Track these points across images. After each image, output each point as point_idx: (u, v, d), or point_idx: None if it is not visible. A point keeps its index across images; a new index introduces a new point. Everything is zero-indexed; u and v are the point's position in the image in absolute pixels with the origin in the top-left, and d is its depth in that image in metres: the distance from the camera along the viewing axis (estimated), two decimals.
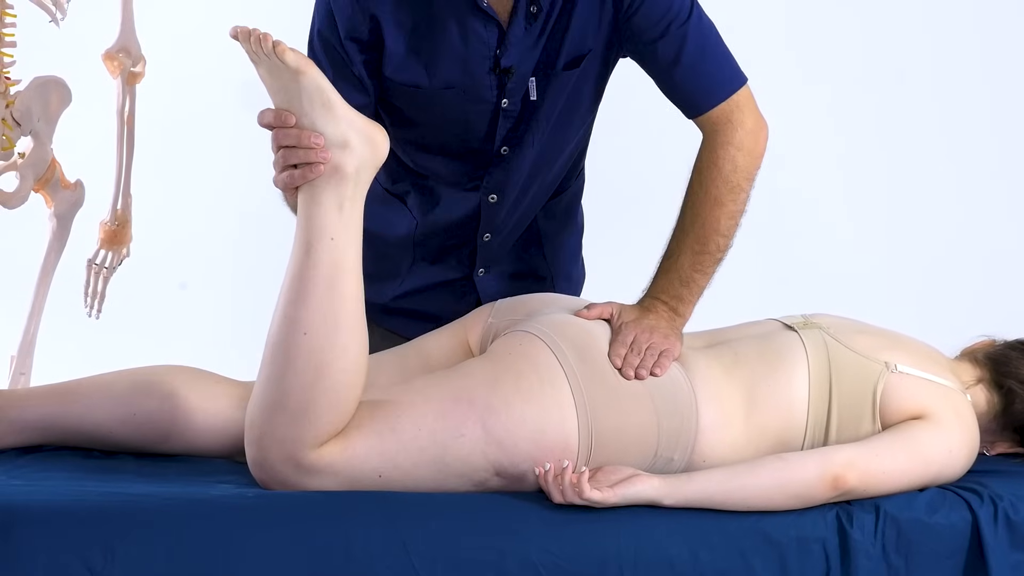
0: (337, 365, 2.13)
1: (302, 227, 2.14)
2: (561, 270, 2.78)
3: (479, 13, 2.40)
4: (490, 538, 2.09)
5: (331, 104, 2.09)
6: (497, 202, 2.60)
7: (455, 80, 2.46)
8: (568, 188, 2.73)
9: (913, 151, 4.58)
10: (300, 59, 2.07)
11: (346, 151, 2.10)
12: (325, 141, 2.09)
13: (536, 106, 2.49)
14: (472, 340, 2.42)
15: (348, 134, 2.10)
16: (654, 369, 2.27)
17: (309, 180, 2.10)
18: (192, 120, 4.47)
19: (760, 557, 2.14)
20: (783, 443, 2.29)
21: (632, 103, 2.86)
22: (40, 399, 2.38)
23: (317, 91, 2.08)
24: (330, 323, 2.12)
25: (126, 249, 3.49)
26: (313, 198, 2.12)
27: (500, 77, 2.45)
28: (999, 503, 2.20)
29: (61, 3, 3.23)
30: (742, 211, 2.43)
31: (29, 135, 3.13)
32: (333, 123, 2.09)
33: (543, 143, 2.54)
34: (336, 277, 2.13)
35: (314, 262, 2.12)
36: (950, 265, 4.49)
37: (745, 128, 2.42)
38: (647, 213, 3.08)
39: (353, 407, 2.16)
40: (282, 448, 2.13)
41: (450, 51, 2.43)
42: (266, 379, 2.15)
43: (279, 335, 2.14)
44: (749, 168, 2.42)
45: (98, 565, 1.99)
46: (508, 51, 2.43)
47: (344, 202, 2.12)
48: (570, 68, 2.46)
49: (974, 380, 2.43)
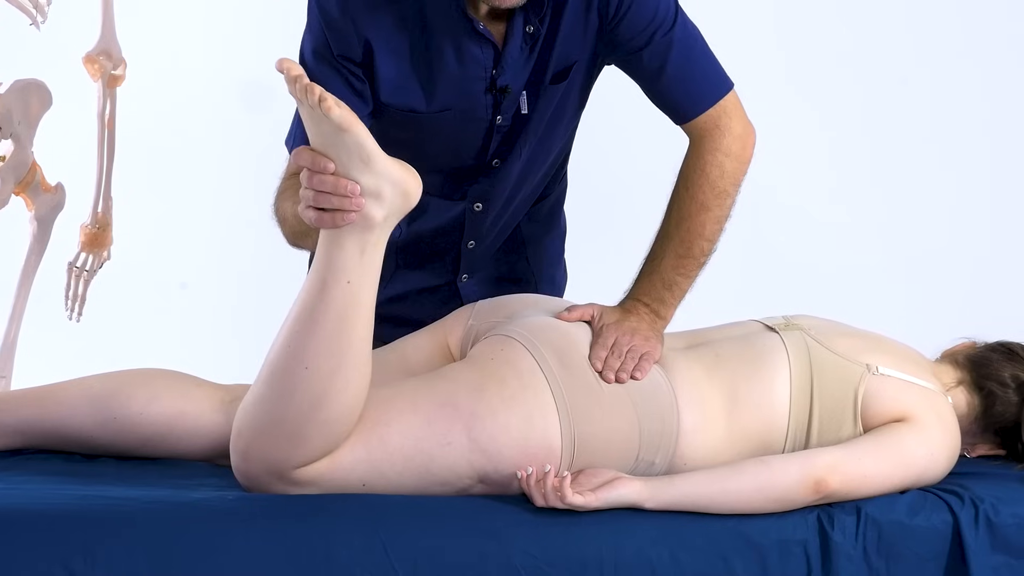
0: (335, 400, 2.10)
1: (320, 265, 2.08)
2: (544, 274, 2.78)
3: (475, 35, 2.38)
4: (471, 541, 2.09)
5: (371, 158, 2.02)
6: (482, 210, 2.59)
7: (451, 103, 2.44)
8: (551, 193, 2.73)
9: (898, 152, 4.59)
10: (345, 116, 1.98)
11: (378, 201, 2.04)
12: (360, 190, 2.03)
13: (526, 119, 2.48)
14: (452, 342, 2.41)
15: (383, 186, 2.03)
16: (634, 373, 2.26)
17: (338, 227, 2.05)
18: (194, 120, 4.47)
19: (741, 560, 2.14)
20: (764, 445, 2.29)
21: (614, 107, 2.86)
22: (19, 403, 2.37)
23: (358, 147, 2.01)
24: (334, 361, 2.09)
25: (107, 252, 3.48)
26: (335, 240, 2.06)
27: (496, 96, 2.44)
28: (980, 505, 2.20)
29: (42, 6, 3.22)
30: (727, 216, 2.42)
31: (9, 138, 3.13)
32: (370, 175, 2.02)
33: (531, 153, 2.54)
34: (347, 318, 2.09)
35: (326, 300, 2.08)
36: (931, 267, 4.49)
37: (733, 134, 2.42)
38: (628, 216, 3.09)
39: (346, 435, 2.14)
40: (268, 464, 2.13)
41: (446, 74, 2.41)
42: (260, 399, 2.12)
43: (279, 362, 2.11)
44: (736, 174, 2.42)
45: (79, 569, 1.99)
46: (504, 71, 2.42)
47: (367, 247, 2.07)
48: (558, 81, 2.46)
49: (955, 382, 2.44)
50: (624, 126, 3.67)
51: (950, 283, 4.45)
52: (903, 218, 4.60)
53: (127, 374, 2.38)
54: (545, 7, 2.37)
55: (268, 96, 4.17)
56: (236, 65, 4.37)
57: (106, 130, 3.42)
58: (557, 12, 2.38)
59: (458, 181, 2.57)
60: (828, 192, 4.58)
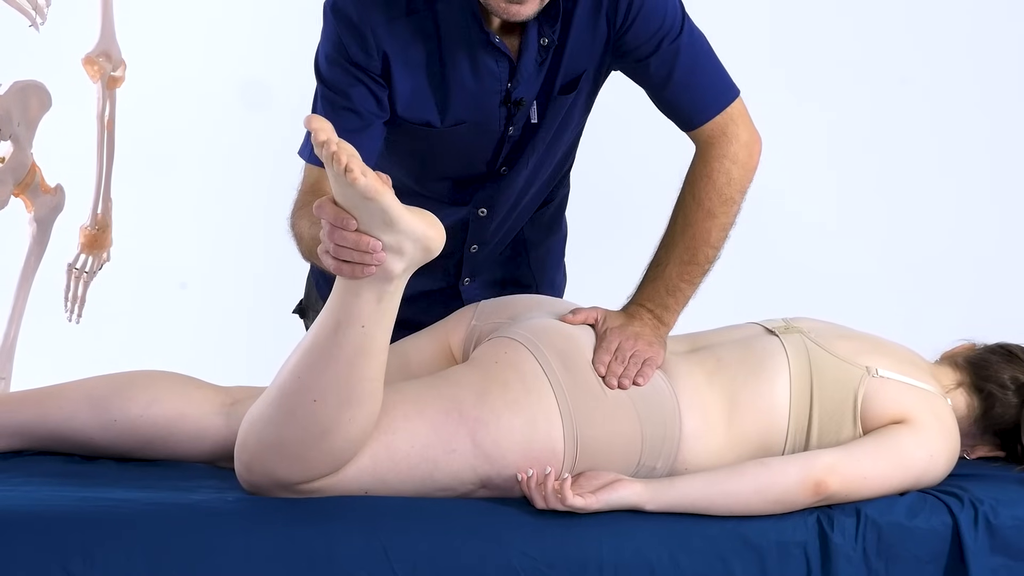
0: (341, 433, 2.10)
1: (334, 307, 2.06)
2: (545, 277, 2.78)
3: (491, 49, 2.38)
4: (471, 543, 2.09)
5: (395, 222, 1.98)
6: (487, 216, 2.59)
7: (466, 116, 2.43)
8: (555, 198, 2.73)
9: (897, 152, 4.59)
10: (370, 186, 1.93)
11: (400, 256, 2.01)
12: (382, 246, 2.00)
13: (536, 128, 2.48)
14: (455, 342, 2.41)
15: (404, 243, 2.00)
16: (637, 378, 2.26)
17: (358, 278, 2.02)
18: (193, 121, 4.47)
19: (741, 561, 2.14)
20: (764, 448, 2.29)
21: (615, 113, 2.86)
22: (19, 405, 2.37)
23: (382, 212, 1.96)
24: (343, 397, 2.08)
25: (106, 253, 3.48)
26: (352, 288, 2.04)
27: (510, 109, 2.44)
28: (979, 507, 2.20)
29: (41, 7, 3.22)
30: (732, 224, 2.42)
31: (9, 140, 3.13)
32: (392, 234, 1.99)
33: (537, 160, 2.54)
34: (358, 361, 2.07)
35: (339, 343, 2.06)
36: (931, 269, 4.49)
37: (740, 141, 2.41)
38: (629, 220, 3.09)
39: (351, 459, 2.14)
40: (272, 478, 2.13)
41: (461, 88, 2.40)
42: (267, 421, 2.11)
43: (288, 389, 2.10)
44: (743, 181, 2.41)
45: (78, 570, 1.99)
46: (519, 84, 2.41)
47: (384, 296, 2.05)
48: (567, 91, 2.45)
49: (954, 384, 2.44)
50: (624, 132, 3.67)
51: (950, 285, 4.45)
52: (902, 219, 4.60)
53: (127, 376, 2.38)
54: (557, 18, 2.37)
55: (268, 96, 4.17)
56: (236, 65, 4.38)
57: (105, 131, 3.42)
58: (567, 22, 2.38)
59: (464, 187, 2.57)
60: (827, 193, 4.57)
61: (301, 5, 2.42)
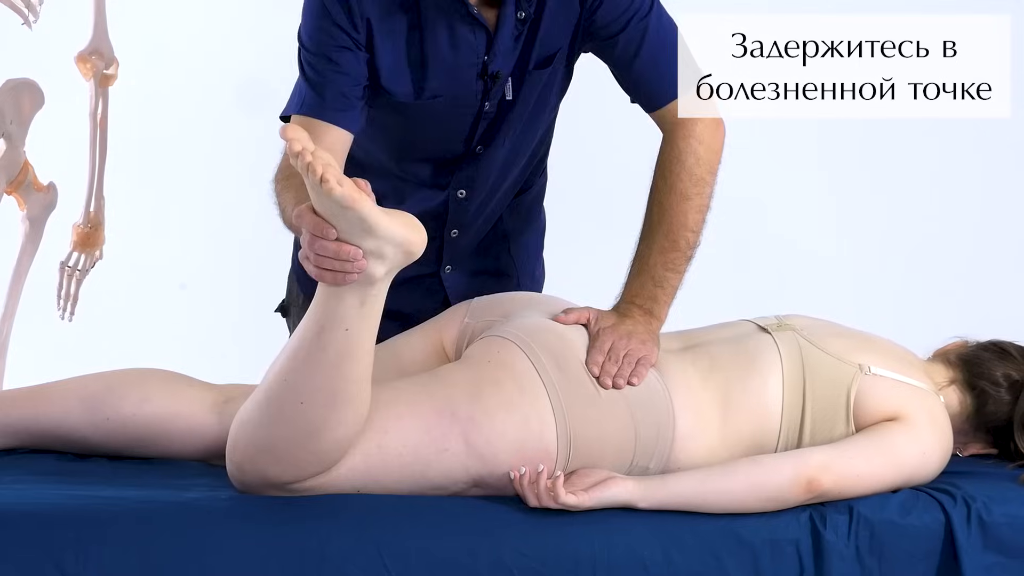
0: (330, 435, 2.10)
1: (317, 310, 2.06)
2: (526, 268, 2.80)
3: (469, 19, 2.40)
4: (463, 541, 2.09)
5: (373, 229, 1.98)
6: (466, 198, 2.60)
7: (443, 89, 2.45)
8: (532, 186, 2.75)
9: (890, 151, 4.59)
10: (347, 196, 1.93)
11: (381, 260, 2.01)
12: (362, 253, 2.00)
13: (510, 106, 2.50)
14: (447, 340, 2.41)
15: (385, 247, 2.00)
16: (631, 378, 2.26)
17: (339, 285, 2.02)
18: (187, 119, 4.47)
19: (733, 559, 2.14)
20: (758, 446, 2.29)
21: (592, 103, 2.87)
22: (12, 403, 2.36)
23: (360, 220, 1.96)
24: (329, 400, 2.08)
25: (99, 251, 3.48)
26: (334, 292, 2.04)
27: (486, 82, 2.46)
28: (972, 504, 2.20)
29: (33, 5, 3.22)
30: (707, 206, 2.44)
31: (1, 138, 3.13)
32: (372, 239, 1.99)
33: (514, 140, 2.56)
34: (343, 363, 2.07)
35: (323, 346, 2.06)
36: (923, 266, 4.50)
37: (704, 122, 2.45)
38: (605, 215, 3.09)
39: (341, 459, 2.14)
40: (264, 478, 2.13)
41: (439, 59, 2.43)
42: (256, 423, 2.11)
43: (275, 392, 2.10)
44: (711, 162, 2.44)
45: (70, 568, 1.99)
46: (496, 57, 2.43)
47: (367, 299, 2.05)
48: (542, 67, 2.48)
49: (947, 381, 2.44)
50: (601, 123, 3.67)
51: (942, 282, 4.45)
52: (895, 217, 4.60)
53: (120, 374, 2.38)
54: None
55: (262, 94, 4.16)
56: (230, 63, 4.38)
57: (98, 129, 3.42)
58: None
59: (443, 168, 2.58)
60: (819, 190, 4.58)
61: (296, 5, 2.42)
